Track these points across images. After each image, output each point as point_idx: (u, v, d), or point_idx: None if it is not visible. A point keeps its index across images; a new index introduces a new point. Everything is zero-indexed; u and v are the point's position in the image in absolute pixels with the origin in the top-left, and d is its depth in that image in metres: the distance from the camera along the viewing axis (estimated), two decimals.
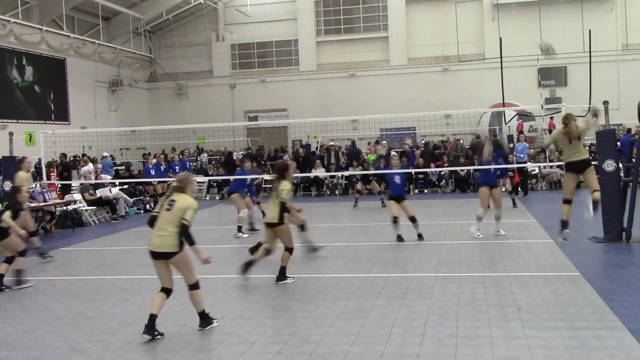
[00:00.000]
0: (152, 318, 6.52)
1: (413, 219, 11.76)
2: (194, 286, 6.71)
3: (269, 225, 8.84)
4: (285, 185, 8.84)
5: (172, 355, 5.98)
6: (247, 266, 8.75)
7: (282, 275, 8.85)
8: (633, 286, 7.78)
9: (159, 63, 40.22)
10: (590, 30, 23.79)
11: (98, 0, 31.95)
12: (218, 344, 6.29)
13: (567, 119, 9.26)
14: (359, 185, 19.73)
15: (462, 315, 6.81)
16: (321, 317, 7.00)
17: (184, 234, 6.56)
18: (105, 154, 24.28)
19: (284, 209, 8.73)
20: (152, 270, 10.15)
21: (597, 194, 9.12)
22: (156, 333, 6.51)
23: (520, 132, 25.28)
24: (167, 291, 6.73)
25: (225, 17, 39.88)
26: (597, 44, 26.97)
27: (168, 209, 6.64)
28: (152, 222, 6.76)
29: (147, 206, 20.75)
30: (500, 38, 25.63)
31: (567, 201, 9.30)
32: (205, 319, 6.78)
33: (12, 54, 28.54)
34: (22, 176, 11.90)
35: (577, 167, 9.21)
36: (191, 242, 6.60)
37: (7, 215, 9.46)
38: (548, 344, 5.76)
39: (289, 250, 8.88)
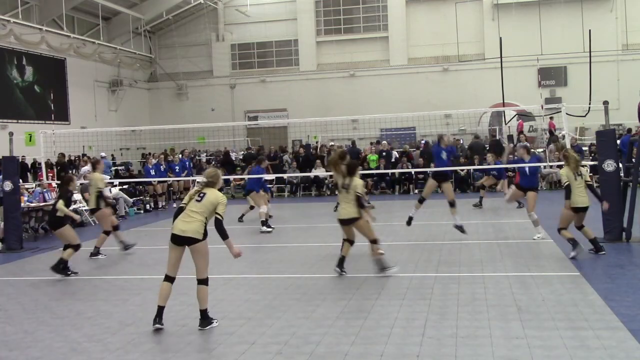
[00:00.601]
0: (160, 310, 6.76)
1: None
2: (204, 281, 6.79)
3: (347, 221, 9.00)
4: (359, 181, 9.05)
5: (172, 355, 5.98)
6: (341, 262, 9.03)
7: (382, 268, 8.95)
8: (633, 286, 7.78)
9: (159, 63, 40.22)
10: (590, 30, 23.80)
11: (98, 0, 31.94)
12: (218, 344, 6.29)
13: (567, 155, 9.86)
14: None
15: (462, 315, 6.81)
16: (321, 317, 7.00)
17: (218, 228, 6.73)
18: (102, 154, 24.33)
19: (360, 203, 8.88)
20: (151, 271, 10.17)
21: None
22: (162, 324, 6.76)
23: (521, 132, 25.28)
24: (172, 280, 6.87)
25: (225, 17, 39.88)
26: (597, 44, 26.97)
27: (198, 200, 6.84)
28: (178, 213, 6.94)
29: (147, 206, 20.76)
30: (500, 38, 25.62)
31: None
32: (205, 319, 6.79)
33: (12, 54, 28.55)
34: (97, 177, 11.87)
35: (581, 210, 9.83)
36: (225, 236, 6.77)
37: (60, 204, 10.16)
38: (548, 344, 5.76)
39: (374, 241, 9.00)
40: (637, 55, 33.91)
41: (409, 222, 12.45)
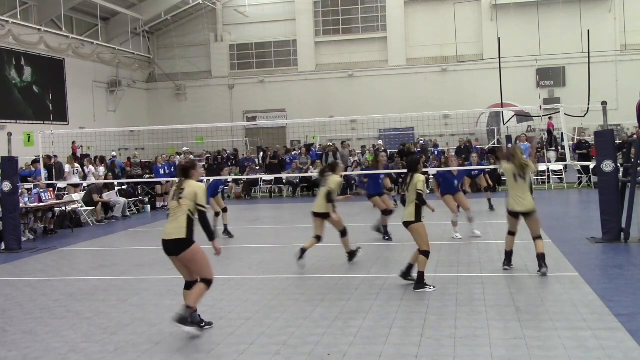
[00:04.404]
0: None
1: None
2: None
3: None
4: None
5: (171, 355, 5.98)
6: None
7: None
8: (631, 287, 7.78)
9: (158, 63, 40.23)
10: (588, 31, 23.80)
11: (96, 0, 31.95)
12: (217, 344, 6.29)
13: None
14: None
15: (461, 315, 6.81)
16: (320, 317, 7.00)
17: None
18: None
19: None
20: (150, 271, 10.19)
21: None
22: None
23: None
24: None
25: (223, 18, 39.90)
26: (596, 44, 27.03)
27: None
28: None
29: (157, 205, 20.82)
30: (499, 38, 25.58)
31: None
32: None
33: (10, 55, 28.54)
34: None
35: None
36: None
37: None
38: (546, 345, 5.76)
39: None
40: (635, 56, 33.99)
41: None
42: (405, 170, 9.22)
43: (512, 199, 8.77)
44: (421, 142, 28.58)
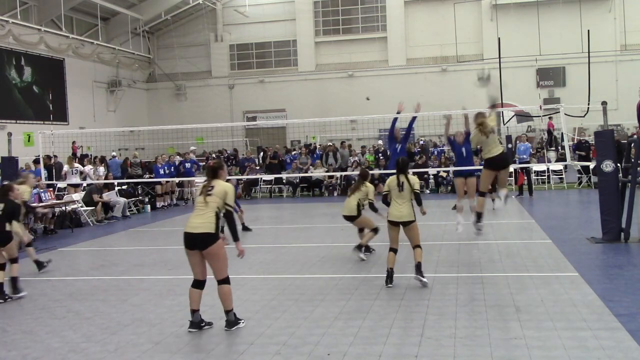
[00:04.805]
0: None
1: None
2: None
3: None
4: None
5: (171, 356, 5.97)
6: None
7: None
8: (631, 286, 7.78)
9: (158, 63, 40.23)
10: (588, 31, 23.85)
11: (96, 0, 31.95)
12: (216, 344, 6.29)
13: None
14: None
15: (461, 315, 6.81)
16: (320, 317, 7.00)
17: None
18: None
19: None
20: (150, 271, 10.19)
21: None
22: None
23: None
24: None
25: (223, 18, 39.90)
26: (596, 44, 27.04)
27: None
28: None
29: (154, 205, 20.81)
30: (499, 38, 25.67)
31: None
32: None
33: (10, 55, 28.55)
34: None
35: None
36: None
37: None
38: (546, 345, 5.76)
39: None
40: (635, 56, 33.98)
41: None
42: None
43: (487, 151, 10.26)
44: (421, 142, 28.58)
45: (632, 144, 11.71)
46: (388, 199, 8.45)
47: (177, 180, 21.66)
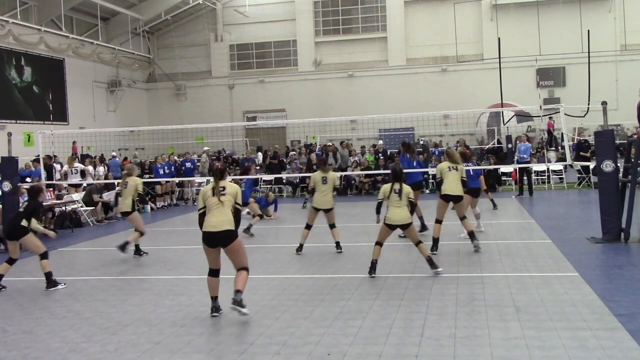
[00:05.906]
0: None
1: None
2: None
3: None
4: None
5: (171, 356, 5.97)
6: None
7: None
8: (631, 287, 7.78)
9: (158, 63, 40.23)
10: (588, 31, 23.82)
11: (97, 0, 31.95)
12: (216, 344, 6.29)
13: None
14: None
15: (461, 315, 6.81)
16: (320, 317, 7.00)
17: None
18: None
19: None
20: (150, 271, 10.18)
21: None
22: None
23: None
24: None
25: (223, 18, 39.90)
26: (596, 44, 27.03)
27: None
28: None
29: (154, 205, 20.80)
30: (499, 38, 25.62)
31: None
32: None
33: (10, 55, 28.55)
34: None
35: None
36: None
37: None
38: (546, 344, 5.76)
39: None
40: (635, 56, 33.99)
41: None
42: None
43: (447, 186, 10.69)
44: (422, 142, 28.58)
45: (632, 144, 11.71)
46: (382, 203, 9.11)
47: (177, 180, 21.65)
